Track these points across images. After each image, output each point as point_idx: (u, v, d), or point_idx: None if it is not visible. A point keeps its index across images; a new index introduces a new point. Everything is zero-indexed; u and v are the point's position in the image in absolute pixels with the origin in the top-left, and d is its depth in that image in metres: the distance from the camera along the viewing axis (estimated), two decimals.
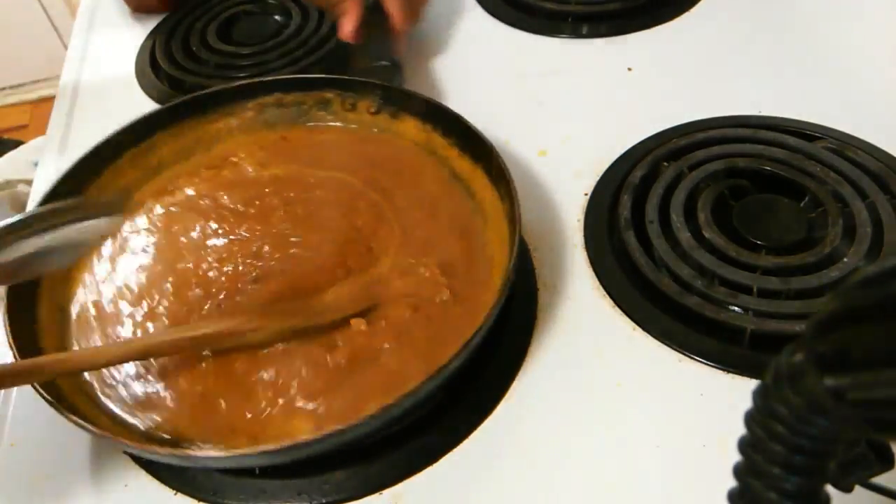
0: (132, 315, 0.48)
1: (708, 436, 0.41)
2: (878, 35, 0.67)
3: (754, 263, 0.47)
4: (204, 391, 0.43)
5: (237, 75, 0.72)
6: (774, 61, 0.65)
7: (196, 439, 0.41)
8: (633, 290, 0.48)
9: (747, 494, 0.22)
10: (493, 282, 0.46)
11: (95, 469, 0.44)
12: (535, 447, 0.42)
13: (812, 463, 0.20)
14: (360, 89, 0.58)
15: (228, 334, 0.44)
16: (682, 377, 0.44)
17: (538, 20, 0.73)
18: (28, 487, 0.44)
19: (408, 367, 0.43)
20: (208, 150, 0.58)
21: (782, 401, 0.20)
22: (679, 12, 0.72)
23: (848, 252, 0.47)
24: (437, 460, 0.42)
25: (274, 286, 0.48)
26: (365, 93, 0.58)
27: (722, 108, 0.60)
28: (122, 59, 0.77)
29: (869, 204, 0.50)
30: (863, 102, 0.60)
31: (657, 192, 0.52)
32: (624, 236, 0.50)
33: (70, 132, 0.71)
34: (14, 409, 0.48)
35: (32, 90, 2.04)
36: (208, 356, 0.44)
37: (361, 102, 0.58)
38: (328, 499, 0.42)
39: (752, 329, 0.44)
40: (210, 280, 0.49)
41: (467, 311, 0.45)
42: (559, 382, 0.45)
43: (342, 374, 0.43)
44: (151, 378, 0.44)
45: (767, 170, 0.53)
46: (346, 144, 0.58)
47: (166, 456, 0.38)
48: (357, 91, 0.58)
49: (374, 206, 0.52)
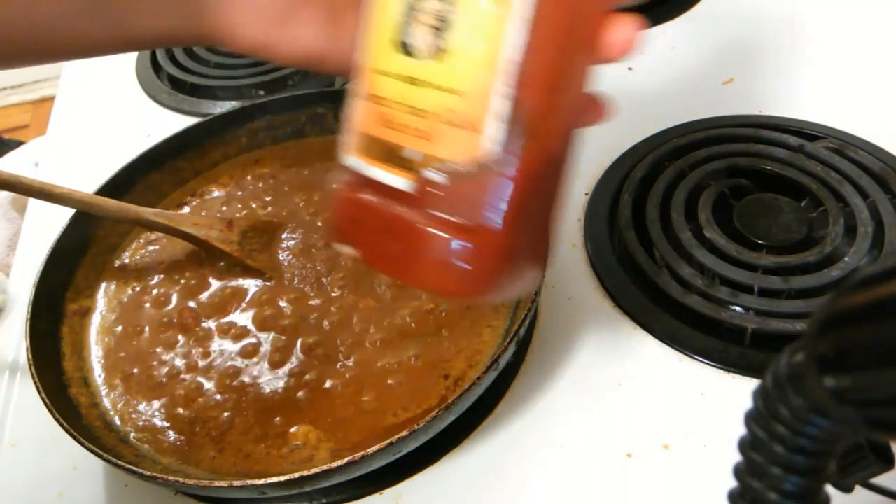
0: None
1: (708, 435, 0.41)
2: (878, 35, 0.67)
3: (755, 263, 0.47)
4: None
5: (237, 75, 0.72)
6: (774, 61, 0.65)
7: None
8: (633, 289, 0.48)
9: (747, 494, 0.22)
10: None
11: (95, 469, 0.44)
12: (535, 447, 0.42)
13: (812, 463, 0.20)
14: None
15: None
16: (682, 377, 0.44)
17: None
18: (28, 488, 0.44)
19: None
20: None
21: (783, 401, 0.20)
22: (679, 12, 0.71)
23: (849, 251, 0.47)
24: (437, 460, 0.42)
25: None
26: None
27: (722, 108, 0.60)
28: (123, 59, 0.77)
29: (870, 203, 0.50)
30: (863, 102, 0.60)
31: (658, 192, 0.52)
32: (625, 236, 0.50)
33: (70, 132, 0.71)
34: (14, 410, 0.48)
35: (33, 90, 2.04)
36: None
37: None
38: (328, 499, 0.42)
39: (753, 328, 0.44)
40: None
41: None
42: (559, 382, 0.45)
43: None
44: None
45: (768, 169, 0.53)
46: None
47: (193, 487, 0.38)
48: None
49: None
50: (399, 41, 0.27)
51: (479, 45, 0.25)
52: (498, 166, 0.26)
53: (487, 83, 0.25)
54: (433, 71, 0.26)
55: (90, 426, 0.42)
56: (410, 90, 0.27)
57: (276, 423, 0.42)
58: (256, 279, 0.49)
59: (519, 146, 0.26)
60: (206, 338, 0.46)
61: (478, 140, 0.26)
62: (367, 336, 0.45)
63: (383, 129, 0.28)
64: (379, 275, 0.48)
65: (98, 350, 0.47)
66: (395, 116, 0.27)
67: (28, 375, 0.41)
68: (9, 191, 0.46)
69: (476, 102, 0.26)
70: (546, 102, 0.26)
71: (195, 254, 0.51)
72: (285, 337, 0.46)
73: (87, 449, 0.37)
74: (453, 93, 0.26)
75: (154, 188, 0.55)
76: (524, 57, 0.25)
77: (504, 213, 0.27)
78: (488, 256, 0.27)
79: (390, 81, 0.27)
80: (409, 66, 0.27)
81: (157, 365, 0.45)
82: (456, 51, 0.26)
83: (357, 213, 0.29)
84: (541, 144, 0.26)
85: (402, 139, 0.27)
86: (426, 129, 0.27)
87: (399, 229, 0.28)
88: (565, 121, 0.27)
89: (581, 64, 0.27)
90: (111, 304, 0.50)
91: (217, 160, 0.58)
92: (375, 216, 0.29)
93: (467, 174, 0.26)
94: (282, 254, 0.51)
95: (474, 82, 0.26)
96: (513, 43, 0.25)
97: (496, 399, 0.44)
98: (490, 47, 0.25)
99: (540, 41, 0.25)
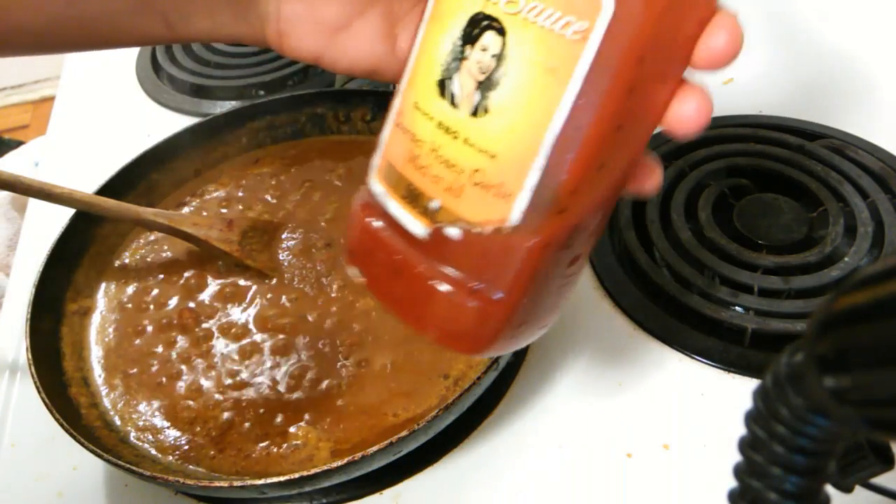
0: None
1: (708, 435, 0.41)
2: (878, 35, 0.67)
3: (755, 263, 0.47)
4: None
5: (237, 75, 0.72)
6: (774, 61, 0.65)
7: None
8: (634, 289, 0.48)
9: (747, 494, 0.22)
10: None
11: (95, 469, 0.44)
12: (535, 447, 0.42)
13: (812, 463, 0.20)
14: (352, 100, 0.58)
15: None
16: (682, 377, 0.44)
17: None
18: (28, 488, 0.44)
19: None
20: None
21: (783, 401, 0.20)
22: None
23: (849, 251, 0.47)
24: (437, 460, 0.42)
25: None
26: (356, 103, 0.58)
27: (722, 108, 0.60)
28: (123, 59, 0.77)
29: (870, 203, 0.50)
30: (863, 102, 0.60)
31: (658, 192, 0.52)
32: (625, 236, 0.50)
33: (70, 132, 0.71)
34: (14, 410, 0.48)
35: (33, 90, 2.04)
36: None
37: (355, 112, 0.58)
38: (328, 499, 0.42)
39: (753, 328, 0.44)
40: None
41: None
42: (559, 382, 0.45)
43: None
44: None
45: (768, 169, 0.53)
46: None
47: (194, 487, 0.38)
48: (350, 102, 0.58)
49: None
50: (443, 85, 0.25)
51: (522, 114, 0.24)
52: (517, 236, 0.25)
53: (523, 154, 0.24)
54: (470, 127, 0.25)
55: (90, 426, 0.42)
56: (445, 140, 0.25)
57: (276, 423, 0.42)
58: (256, 279, 0.49)
59: (543, 219, 0.24)
60: (206, 338, 0.46)
61: (502, 207, 0.24)
62: (367, 336, 0.45)
63: (411, 168, 0.26)
64: None
65: (98, 350, 0.47)
66: (425, 161, 0.26)
67: (28, 375, 0.41)
68: (9, 191, 0.46)
69: (507, 170, 0.24)
70: (582, 181, 0.24)
71: (195, 254, 0.51)
72: (285, 337, 0.46)
73: (87, 449, 0.37)
74: (486, 154, 0.24)
75: (154, 188, 0.55)
76: (567, 135, 0.23)
77: (513, 283, 0.25)
78: (489, 322, 0.26)
79: (427, 124, 0.26)
80: (448, 115, 0.25)
81: (158, 365, 0.45)
82: (496, 112, 0.24)
83: (370, 244, 0.28)
84: (567, 220, 0.25)
85: (427, 186, 0.26)
86: (453, 183, 0.25)
87: (406, 272, 0.27)
88: (601, 196, 0.26)
89: (634, 142, 0.25)
90: (111, 304, 0.50)
91: (217, 160, 0.58)
92: (387, 253, 0.28)
93: (485, 238, 0.25)
94: (282, 254, 0.51)
95: (510, 150, 0.24)
96: (559, 120, 0.23)
97: (496, 399, 0.44)
98: (533, 119, 0.23)
99: (589, 122, 0.23)
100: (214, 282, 0.50)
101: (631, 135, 0.25)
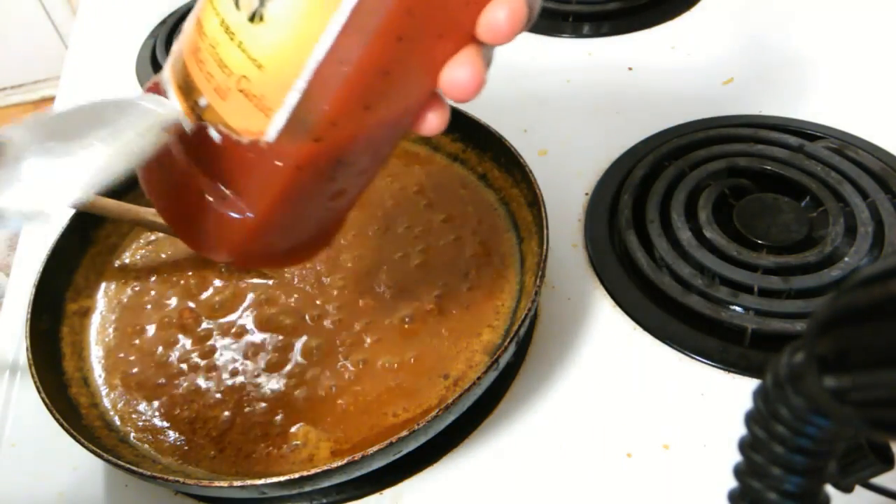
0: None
1: (708, 435, 0.41)
2: (878, 35, 0.67)
3: (755, 263, 0.47)
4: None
5: None
6: (774, 61, 0.65)
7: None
8: (633, 289, 0.48)
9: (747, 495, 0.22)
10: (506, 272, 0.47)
11: (95, 469, 0.44)
12: (535, 447, 0.42)
13: (812, 463, 0.20)
14: None
15: None
16: (682, 377, 0.44)
17: (538, 20, 0.73)
18: (28, 488, 0.44)
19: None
20: None
21: (783, 401, 0.20)
22: (679, 12, 0.72)
23: (849, 251, 0.47)
24: (437, 460, 0.42)
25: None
26: None
27: (722, 108, 0.60)
28: (123, 59, 0.77)
29: (870, 203, 0.50)
30: (863, 102, 0.60)
31: (658, 192, 0.52)
32: (624, 236, 0.50)
33: None
34: (14, 410, 0.48)
35: (33, 90, 2.04)
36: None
37: None
38: (328, 499, 0.42)
39: (753, 328, 0.44)
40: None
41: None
42: (559, 382, 0.45)
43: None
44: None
45: (768, 169, 0.53)
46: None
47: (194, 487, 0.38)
48: None
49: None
50: None
51: (290, 32, 0.23)
52: (272, 153, 0.25)
53: (286, 73, 0.24)
54: (246, 32, 0.24)
55: (90, 426, 0.42)
56: (223, 39, 0.25)
57: (276, 422, 0.42)
58: (256, 279, 0.49)
59: (300, 143, 0.25)
60: (206, 338, 0.46)
61: (261, 120, 0.24)
62: (367, 336, 0.45)
63: (193, 61, 0.26)
64: (379, 274, 0.48)
65: (98, 350, 0.47)
66: (204, 56, 0.25)
67: (28, 375, 0.41)
68: None
69: (270, 84, 0.24)
70: (342, 115, 0.24)
71: (195, 254, 0.51)
72: (285, 337, 0.46)
73: (87, 449, 0.37)
74: (254, 63, 0.24)
75: None
76: (331, 66, 0.23)
77: (261, 196, 0.26)
78: (237, 231, 0.27)
79: (214, 19, 0.25)
80: (231, 15, 0.24)
81: (158, 365, 0.45)
82: (269, 23, 0.24)
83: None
84: (324, 149, 0.25)
85: (201, 82, 0.26)
86: (221, 84, 0.25)
87: (176, 174, 0.27)
88: (367, 135, 0.26)
89: (407, 91, 0.25)
90: (111, 304, 0.50)
91: None
92: (168, 159, 0.27)
93: (243, 148, 0.25)
94: None
95: (275, 64, 0.24)
96: (322, 48, 0.23)
97: (496, 399, 0.44)
98: (299, 40, 0.23)
99: (353, 59, 0.23)
100: (214, 282, 0.50)
101: (401, 83, 0.25)
